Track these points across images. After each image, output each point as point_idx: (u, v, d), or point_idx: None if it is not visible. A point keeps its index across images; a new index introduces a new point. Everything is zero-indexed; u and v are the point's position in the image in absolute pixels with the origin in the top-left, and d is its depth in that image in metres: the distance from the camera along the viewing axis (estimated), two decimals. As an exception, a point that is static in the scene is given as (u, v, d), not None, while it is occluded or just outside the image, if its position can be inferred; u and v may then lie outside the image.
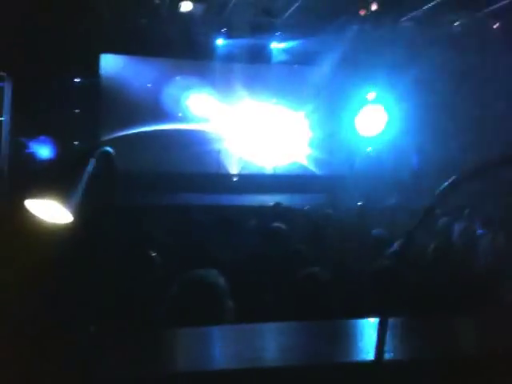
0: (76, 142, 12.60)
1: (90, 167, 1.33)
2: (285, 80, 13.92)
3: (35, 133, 11.59)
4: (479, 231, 4.87)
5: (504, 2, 9.80)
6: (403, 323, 1.57)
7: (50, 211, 1.29)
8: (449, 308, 2.62)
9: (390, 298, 1.06)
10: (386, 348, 1.17)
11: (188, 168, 12.86)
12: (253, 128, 14.12)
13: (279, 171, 14.08)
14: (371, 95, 14.37)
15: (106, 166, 1.44)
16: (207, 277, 2.41)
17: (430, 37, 12.08)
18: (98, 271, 3.10)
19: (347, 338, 1.54)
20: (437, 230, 5.11)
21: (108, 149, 1.41)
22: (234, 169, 13.92)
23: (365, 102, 14.46)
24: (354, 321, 1.62)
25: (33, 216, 1.31)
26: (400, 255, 1.03)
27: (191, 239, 4.95)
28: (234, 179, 13.67)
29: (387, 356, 1.24)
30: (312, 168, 14.56)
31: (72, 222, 1.35)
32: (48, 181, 1.29)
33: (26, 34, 10.94)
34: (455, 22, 11.02)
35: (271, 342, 1.49)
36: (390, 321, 1.49)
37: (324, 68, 13.29)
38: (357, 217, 7.37)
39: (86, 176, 1.32)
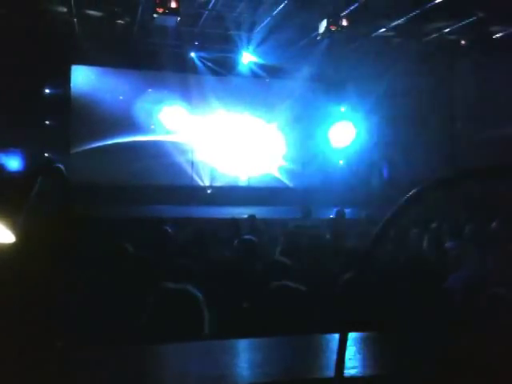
0: (46, 154, 12.43)
1: (37, 186, 1.31)
2: (256, 93, 14.07)
3: (4, 144, 11.39)
4: (448, 243, 4.97)
5: (471, 20, 10.11)
6: (366, 338, 1.59)
7: None
8: (415, 320, 2.66)
9: (351, 311, 1.06)
10: (349, 364, 1.17)
11: (161, 180, 12.82)
12: (226, 139, 14.17)
13: (253, 183, 14.14)
14: (342, 109, 14.62)
15: (56, 182, 1.42)
16: (181, 289, 2.41)
17: (399, 52, 12.37)
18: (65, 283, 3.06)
19: (315, 353, 1.53)
20: (406, 242, 5.21)
21: (57, 165, 1.40)
22: (207, 181, 13.92)
23: (336, 115, 14.70)
24: (322, 335, 1.62)
25: None
26: (361, 267, 1.04)
27: (165, 252, 4.92)
28: (208, 191, 13.67)
29: (348, 373, 1.25)
30: (285, 180, 14.67)
31: (16, 242, 1.33)
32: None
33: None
34: (424, 37, 11.30)
35: (239, 358, 1.49)
36: (356, 335, 1.50)
37: (295, 82, 13.46)
38: (329, 229, 7.44)
39: (33, 195, 1.31)
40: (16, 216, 1.26)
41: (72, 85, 12.96)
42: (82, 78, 13.08)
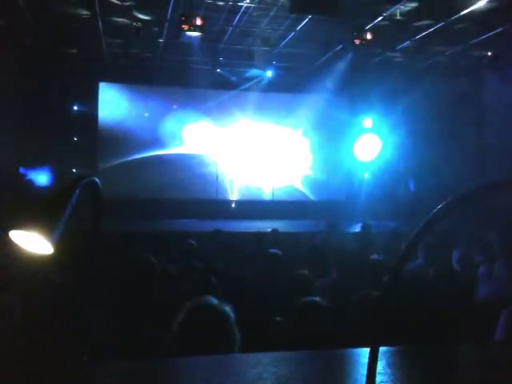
0: (74, 170, 12.64)
1: (73, 198, 1.32)
2: (280, 107, 14.09)
3: (33, 160, 11.63)
4: (478, 258, 4.88)
5: (491, 33, 10.01)
6: (397, 352, 1.56)
7: (33, 242, 1.29)
8: (447, 335, 2.61)
9: (380, 326, 1.04)
10: (379, 378, 1.16)
11: (186, 194, 12.90)
12: (250, 153, 14.21)
13: (277, 196, 14.11)
14: (367, 122, 14.54)
15: (91, 196, 1.43)
16: (213, 304, 2.40)
17: (424, 65, 12.29)
18: (91, 296, 3.09)
19: (343, 368, 1.52)
20: (436, 257, 5.12)
21: (93, 179, 1.41)
22: (231, 194, 13.96)
23: (361, 128, 14.63)
24: (350, 350, 1.61)
25: (17, 246, 1.30)
26: (390, 283, 1.02)
27: (190, 265, 4.93)
28: (232, 205, 13.70)
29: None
30: (309, 193, 14.60)
31: (54, 253, 1.33)
32: (32, 211, 1.29)
33: (26, 62, 11.06)
34: (446, 52, 11.23)
35: (267, 372, 1.48)
36: (385, 350, 1.48)
37: (319, 95, 13.46)
38: (355, 242, 7.38)
39: (70, 207, 1.32)
40: (51, 228, 1.27)
41: (99, 102, 13.20)
42: (109, 95, 13.31)
